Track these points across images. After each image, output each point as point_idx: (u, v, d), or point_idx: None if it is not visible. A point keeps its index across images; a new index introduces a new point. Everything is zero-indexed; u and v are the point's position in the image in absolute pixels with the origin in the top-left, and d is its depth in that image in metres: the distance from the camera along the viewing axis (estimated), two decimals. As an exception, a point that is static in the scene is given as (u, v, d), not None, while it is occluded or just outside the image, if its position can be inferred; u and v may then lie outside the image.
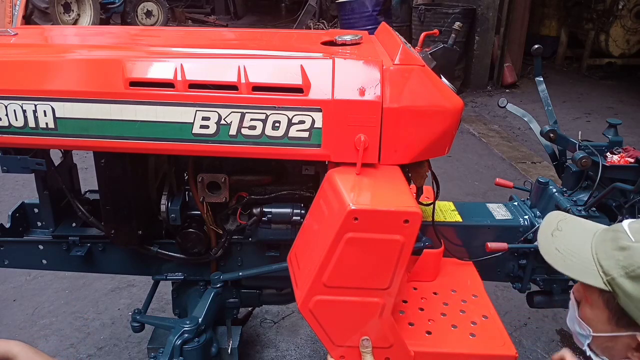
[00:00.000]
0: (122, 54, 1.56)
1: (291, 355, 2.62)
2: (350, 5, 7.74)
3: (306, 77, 1.45)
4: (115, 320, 2.83)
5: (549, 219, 1.25)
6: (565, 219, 1.24)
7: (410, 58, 1.49)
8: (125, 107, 1.46)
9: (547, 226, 1.24)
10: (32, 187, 1.89)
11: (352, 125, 1.43)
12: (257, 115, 1.44)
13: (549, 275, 2.11)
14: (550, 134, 2.04)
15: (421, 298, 1.63)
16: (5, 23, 6.97)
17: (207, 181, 1.70)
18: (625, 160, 1.94)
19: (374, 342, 1.32)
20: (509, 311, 2.87)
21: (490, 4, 7.09)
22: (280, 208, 1.72)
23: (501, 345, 1.43)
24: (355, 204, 1.23)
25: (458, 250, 1.88)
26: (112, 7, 10.05)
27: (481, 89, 7.46)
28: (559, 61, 8.96)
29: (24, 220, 1.98)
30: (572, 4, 8.64)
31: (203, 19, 13.04)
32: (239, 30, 2.47)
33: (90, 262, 1.91)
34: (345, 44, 1.69)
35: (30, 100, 1.48)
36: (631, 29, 8.13)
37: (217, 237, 1.82)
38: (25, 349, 1.37)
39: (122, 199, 1.68)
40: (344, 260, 1.25)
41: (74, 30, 2.95)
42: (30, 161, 1.66)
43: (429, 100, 1.46)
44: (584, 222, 1.24)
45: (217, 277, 1.85)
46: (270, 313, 2.89)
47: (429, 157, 1.57)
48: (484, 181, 4.57)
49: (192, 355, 1.73)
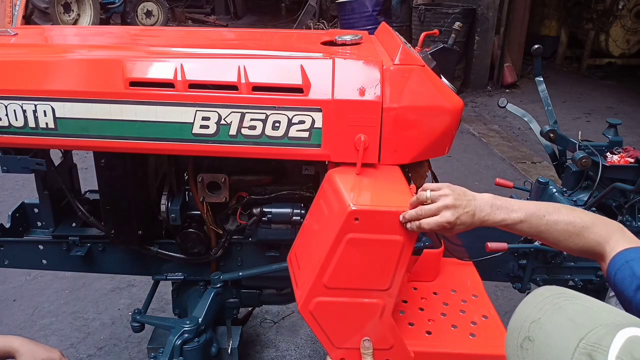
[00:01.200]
0: (122, 54, 1.56)
1: (291, 355, 2.62)
2: (350, 5, 7.73)
3: (306, 77, 1.45)
4: (115, 320, 2.83)
5: (519, 317, 0.89)
6: (539, 319, 0.84)
7: (410, 58, 1.49)
8: (125, 107, 1.46)
9: (515, 330, 0.88)
10: (32, 187, 1.89)
11: (352, 125, 1.43)
12: (257, 115, 1.44)
13: (549, 275, 2.12)
14: (550, 134, 2.04)
15: (421, 298, 1.63)
16: (5, 23, 6.97)
17: (207, 181, 1.70)
18: (625, 160, 1.94)
19: (374, 344, 1.32)
20: (509, 311, 2.85)
21: (490, 4, 7.09)
22: (280, 208, 1.72)
23: (501, 345, 1.42)
24: (355, 205, 1.23)
25: (458, 250, 1.88)
26: (112, 7, 10.05)
27: (481, 89, 7.46)
28: (559, 61, 8.95)
29: (24, 220, 1.98)
30: (572, 4, 8.63)
31: (203, 19, 13.03)
32: (239, 30, 2.48)
33: (90, 262, 1.91)
34: (345, 44, 1.69)
35: (30, 100, 1.48)
36: (631, 29, 8.12)
37: (217, 237, 1.82)
38: (24, 342, 1.39)
39: (122, 199, 1.68)
40: (345, 261, 1.25)
41: (74, 30, 2.95)
42: (30, 161, 1.66)
43: (429, 100, 1.46)
44: (562, 323, 0.81)
45: (217, 277, 1.85)
46: (270, 313, 2.89)
47: (429, 157, 1.57)
48: (484, 181, 4.57)
49: (192, 355, 1.73)
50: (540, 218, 1.17)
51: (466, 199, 1.21)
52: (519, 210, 1.19)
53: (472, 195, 1.23)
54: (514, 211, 1.19)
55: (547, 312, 0.85)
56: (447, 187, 1.24)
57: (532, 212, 1.18)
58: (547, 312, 0.85)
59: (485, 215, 1.20)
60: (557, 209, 1.18)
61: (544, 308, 0.86)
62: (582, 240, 1.14)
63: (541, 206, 1.20)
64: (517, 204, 1.20)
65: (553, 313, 0.84)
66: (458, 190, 1.23)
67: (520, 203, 1.21)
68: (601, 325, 0.77)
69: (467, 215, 1.20)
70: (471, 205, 1.20)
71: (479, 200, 1.21)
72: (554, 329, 0.83)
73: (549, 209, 1.18)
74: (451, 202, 1.20)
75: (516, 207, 1.19)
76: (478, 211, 1.20)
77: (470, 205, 1.20)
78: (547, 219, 1.17)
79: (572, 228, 1.15)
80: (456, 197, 1.21)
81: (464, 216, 1.20)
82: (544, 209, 1.19)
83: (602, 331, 0.75)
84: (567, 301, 0.86)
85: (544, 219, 1.17)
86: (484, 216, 1.20)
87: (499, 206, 1.20)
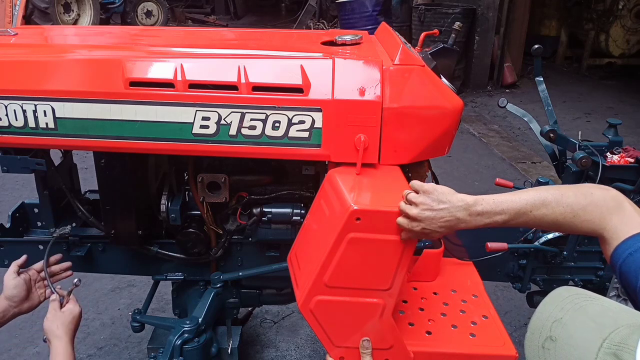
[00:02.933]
0: (122, 54, 1.56)
1: (291, 355, 2.62)
2: (350, 5, 7.74)
3: (306, 77, 1.45)
4: (115, 320, 2.83)
5: (540, 316, 0.89)
6: (561, 319, 0.85)
7: (410, 58, 1.49)
8: (125, 107, 1.46)
9: (536, 330, 0.87)
10: (32, 187, 1.89)
11: (352, 125, 1.43)
12: (257, 115, 1.44)
13: (549, 275, 2.12)
14: (550, 134, 2.04)
15: (421, 298, 1.63)
16: (5, 23, 6.97)
17: (207, 181, 1.70)
18: (625, 160, 1.94)
19: (373, 343, 1.32)
20: (509, 311, 2.87)
21: (490, 4, 7.09)
22: (280, 208, 1.72)
23: (501, 345, 1.43)
24: (357, 204, 1.23)
25: (458, 250, 1.88)
26: (112, 7, 10.05)
27: (481, 89, 7.46)
28: (559, 61, 8.96)
29: (24, 220, 1.98)
30: (572, 4, 8.63)
31: (203, 19, 13.03)
32: (239, 30, 2.48)
33: (90, 262, 1.92)
34: (345, 44, 1.69)
35: (30, 100, 1.48)
36: (631, 29, 8.13)
37: (217, 237, 1.82)
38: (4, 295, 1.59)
39: (122, 199, 1.68)
40: (346, 260, 1.25)
41: (74, 30, 2.95)
42: (30, 161, 1.65)
43: (429, 100, 1.46)
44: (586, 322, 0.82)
45: (217, 277, 1.85)
46: (270, 313, 2.89)
47: (429, 157, 1.57)
48: (484, 181, 4.57)
49: (192, 355, 1.73)
50: (526, 214, 1.15)
51: (437, 208, 1.18)
52: (503, 213, 1.16)
53: (448, 202, 1.18)
54: (497, 214, 1.16)
55: (569, 311, 0.85)
56: (423, 195, 1.20)
57: (517, 210, 1.15)
58: (569, 311, 0.85)
59: (464, 223, 1.18)
60: (544, 202, 1.13)
61: (566, 307, 0.86)
62: (574, 228, 1.13)
63: (529, 199, 1.15)
64: (501, 204, 1.16)
65: (575, 313, 0.85)
66: (431, 199, 1.19)
67: (506, 201, 1.16)
68: (623, 326, 0.77)
69: (435, 226, 1.18)
70: (443, 217, 1.17)
71: (455, 209, 1.17)
72: (576, 328, 0.83)
73: (537, 203, 1.14)
74: (415, 214, 1.18)
75: (500, 208, 1.16)
76: (454, 220, 1.18)
77: (440, 216, 1.17)
78: (533, 215, 1.14)
79: (562, 219, 1.12)
80: (423, 208, 1.18)
81: (431, 226, 1.18)
82: (531, 203, 1.15)
83: (625, 331, 0.76)
84: (587, 302, 0.87)
85: (530, 215, 1.14)
86: (462, 224, 1.18)
87: (481, 212, 1.17)
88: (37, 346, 2.61)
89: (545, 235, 2.00)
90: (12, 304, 1.60)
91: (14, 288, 1.60)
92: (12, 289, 1.60)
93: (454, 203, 1.18)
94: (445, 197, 1.19)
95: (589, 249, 2.07)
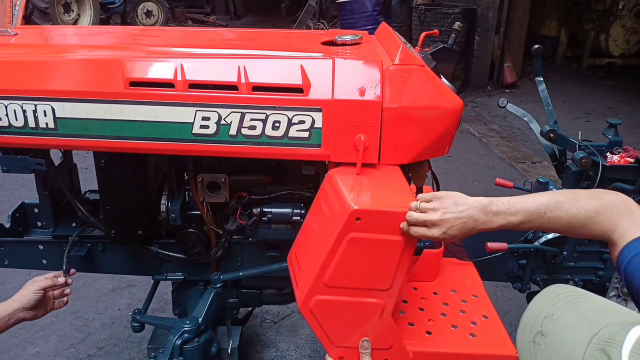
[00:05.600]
0: (122, 54, 1.56)
1: (291, 355, 2.62)
2: (350, 5, 7.74)
3: (306, 77, 1.45)
4: (115, 320, 2.83)
5: (532, 311, 0.90)
6: (553, 314, 0.86)
7: (410, 58, 1.49)
8: (125, 107, 1.46)
9: (528, 325, 0.89)
10: (32, 187, 1.89)
11: (352, 125, 1.43)
12: (257, 115, 1.44)
13: (549, 275, 2.12)
14: (550, 134, 2.04)
15: (421, 298, 1.63)
16: (5, 23, 6.97)
17: (207, 181, 1.70)
18: (625, 160, 1.94)
19: (373, 343, 1.32)
20: (509, 311, 2.87)
21: (490, 4, 7.09)
22: (280, 208, 1.72)
23: (501, 345, 1.43)
24: (357, 204, 1.23)
25: (458, 250, 1.88)
26: (112, 7, 10.05)
27: (481, 89, 7.46)
28: (559, 61, 8.96)
29: (24, 220, 1.98)
30: (572, 4, 8.63)
31: (203, 19, 13.03)
32: (239, 30, 2.48)
33: (90, 262, 1.91)
34: (345, 44, 1.69)
35: (30, 100, 1.48)
36: (631, 29, 8.13)
37: (217, 237, 1.82)
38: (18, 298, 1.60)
39: (122, 199, 1.68)
40: (346, 260, 1.25)
41: (74, 30, 2.95)
42: (30, 161, 1.66)
43: (429, 101, 1.46)
44: (575, 320, 0.83)
45: (217, 277, 1.85)
46: (270, 313, 2.89)
47: (429, 157, 1.57)
48: (484, 181, 4.57)
49: (192, 355, 1.73)
50: (540, 216, 1.15)
51: (457, 210, 1.18)
52: (518, 213, 1.16)
53: (464, 204, 1.19)
54: (512, 214, 1.16)
55: (560, 307, 0.87)
56: (438, 200, 1.20)
57: (531, 211, 1.16)
58: (561, 308, 0.86)
59: (481, 224, 1.18)
60: (558, 204, 1.14)
61: (558, 304, 0.87)
62: (586, 231, 1.13)
63: (543, 201, 1.16)
64: (516, 205, 1.17)
65: (566, 309, 0.86)
66: (448, 202, 1.19)
67: (520, 202, 1.18)
68: (614, 323, 0.78)
69: (455, 229, 1.18)
70: (462, 218, 1.17)
71: (473, 209, 1.18)
72: (567, 324, 0.84)
73: (551, 205, 1.15)
74: (437, 218, 1.18)
75: (515, 209, 1.16)
76: (471, 221, 1.18)
77: (460, 217, 1.17)
78: (548, 217, 1.14)
79: (575, 221, 1.12)
80: (444, 211, 1.18)
81: (452, 230, 1.18)
82: (545, 204, 1.15)
83: (615, 328, 0.77)
84: (579, 299, 0.88)
85: (544, 217, 1.15)
86: (479, 225, 1.18)
87: (496, 212, 1.17)
88: (37, 346, 2.61)
89: (545, 235, 2.00)
90: (23, 312, 1.62)
91: (34, 300, 1.63)
92: (31, 301, 1.62)
93: (470, 204, 1.19)
94: (461, 199, 1.20)
95: (589, 249, 2.07)
